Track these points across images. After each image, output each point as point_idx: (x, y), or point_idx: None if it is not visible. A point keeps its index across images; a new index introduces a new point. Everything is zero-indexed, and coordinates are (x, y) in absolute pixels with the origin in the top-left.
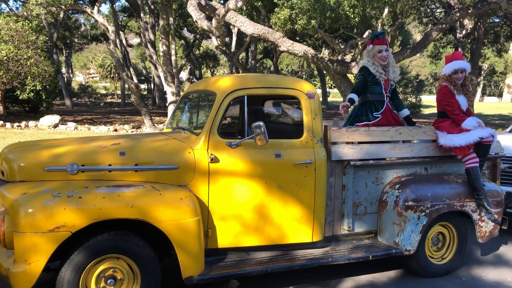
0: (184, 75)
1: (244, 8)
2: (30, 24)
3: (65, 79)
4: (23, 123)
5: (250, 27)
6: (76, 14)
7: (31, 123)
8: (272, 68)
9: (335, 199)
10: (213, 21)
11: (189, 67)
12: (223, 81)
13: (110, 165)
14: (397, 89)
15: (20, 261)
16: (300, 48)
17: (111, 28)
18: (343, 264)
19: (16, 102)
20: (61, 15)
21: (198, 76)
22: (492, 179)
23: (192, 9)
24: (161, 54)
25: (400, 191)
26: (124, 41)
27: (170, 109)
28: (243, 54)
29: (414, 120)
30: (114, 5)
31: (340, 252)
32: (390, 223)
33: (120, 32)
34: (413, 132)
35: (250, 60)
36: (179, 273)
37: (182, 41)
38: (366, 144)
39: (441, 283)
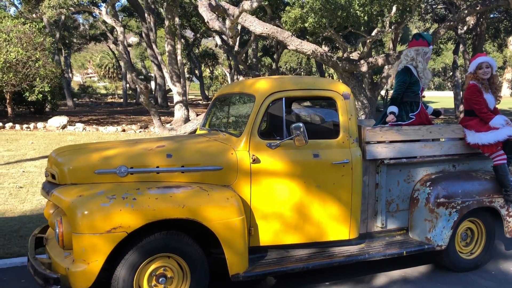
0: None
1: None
2: (37, 26)
3: (66, 80)
4: (31, 125)
5: (259, 27)
6: (76, 14)
7: (40, 125)
8: (273, 66)
9: (369, 197)
10: (227, 21)
11: (188, 65)
12: (261, 84)
13: (158, 166)
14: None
15: (79, 261)
16: (308, 47)
17: (119, 29)
18: (374, 260)
19: (22, 103)
20: (63, 17)
21: (198, 74)
22: None
23: (204, 10)
24: (167, 54)
25: (431, 188)
26: (126, 41)
27: (177, 108)
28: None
29: None
30: (115, 5)
31: (374, 248)
32: (422, 220)
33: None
34: (442, 130)
35: (251, 58)
36: (223, 271)
37: (182, 40)
38: (398, 143)
39: (471, 277)
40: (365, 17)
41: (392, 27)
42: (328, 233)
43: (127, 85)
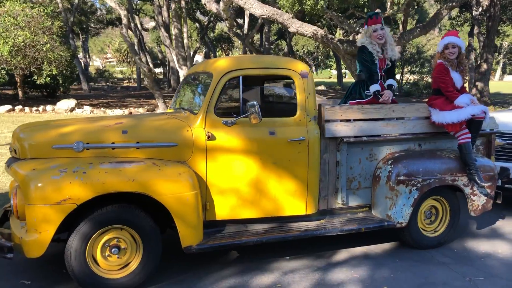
0: (200, 58)
1: None
2: (46, 10)
3: (82, 64)
4: (41, 107)
5: (259, 9)
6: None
7: (49, 107)
8: (286, 50)
9: (330, 174)
10: (221, 3)
11: (204, 50)
12: (220, 62)
13: (113, 142)
14: (408, 67)
15: (31, 231)
16: (309, 28)
17: (122, 12)
18: (340, 237)
19: (35, 87)
20: (76, 1)
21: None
22: (487, 155)
23: None
24: (173, 37)
25: (392, 166)
26: (139, 25)
27: None
28: (258, 36)
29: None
30: None
31: (333, 224)
32: (383, 197)
33: (135, 16)
34: (406, 109)
35: (263, 42)
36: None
37: (197, 24)
38: (359, 122)
39: (433, 254)
40: None
41: (395, 8)
42: (285, 208)
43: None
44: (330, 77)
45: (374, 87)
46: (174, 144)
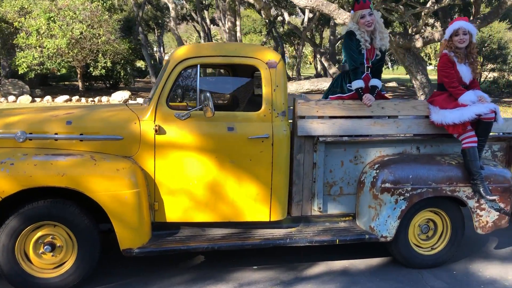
0: None
1: None
2: (105, 5)
3: (157, 58)
4: (96, 98)
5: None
6: None
7: (104, 98)
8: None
9: (305, 177)
10: None
11: (273, 45)
12: (178, 50)
13: (56, 133)
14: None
15: None
16: None
17: (171, 5)
18: (321, 247)
19: (96, 79)
20: None
21: (280, 54)
22: (507, 163)
23: None
24: (227, 30)
25: (378, 171)
26: (207, 20)
27: None
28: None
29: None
30: None
31: (304, 234)
32: (367, 206)
33: (204, 11)
34: (399, 106)
35: (329, 36)
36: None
37: (266, 19)
38: (340, 119)
39: (424, 275)
40: None
41: None
42: (245, 213)
43: None
44: (406, 74)
45: (357, 84)
46: (119, 138)
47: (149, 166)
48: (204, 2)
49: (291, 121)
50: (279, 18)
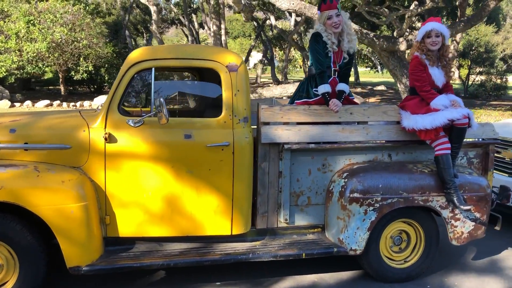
0: (259, 56)
1: None
2: (87, 8)
3: None
4: (78, 103)
5: (285, 2)
6: None
7: (86, 103)
8: None
9: (270, 187)
10: None
11: (259, 48)
12: (133, 52)
13: None
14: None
15: None
16: None
17: (152, 8)
18: (290, 261)
19: (82, 83)
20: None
21: (269, 57)
22: (484, 170)
23: None
24: (212, 34)
25: (346, 180)
26: (196, 23)
27: None
28: None
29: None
30: None
31: (269, 247)
32: (335, 217)
33: (193, 15)
34: (369, 111)
35: None
36: None
37: (254, 22)
38: (307, 125)
39: None
40: None
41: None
42: (205, 227)
43: None
44: None
45: (323, 88)
46: (67, 147)
47: (99, 177)
48: (192, 6)
49: (256, 127)
50: (268, 22)
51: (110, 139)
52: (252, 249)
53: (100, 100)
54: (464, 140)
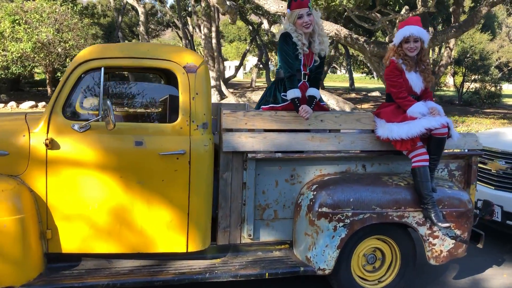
0: (254, 61)
1: None
2: (75, 8)
3: None
4: None
5: (273, 5)
6: (153, 1)
7: None
8: (335, 53)
9: (233, 199)
10: None
11: (254, 52)
12: (83, 50)
13: None
14: (433, 74)
15: None
16: (330, 27)
17: (140, 9)
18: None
19: None
20: (124, 1)
21: (264, 62)
22: (466, 183)
23: None
24: (203, 37)
25: (315, 193)
26: (190, 27)
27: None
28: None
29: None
30: None
31: (229, 266)
32: (303, 233)
33: (187, 18)
34: (341, 119)
35: None
36: None
37: (249, 27)
38: (273, 133)
39: None
40: None
41: (430, 4)
42: (157, 244)
43: None
44: None
45: (293, 93)
46: (4, 153)
47: (40, 187)
48: (187, 9)
49: (218, 134)
50: (263, 26)
51: (52, 145)
52: (210, 268)
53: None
54: (445, 151)
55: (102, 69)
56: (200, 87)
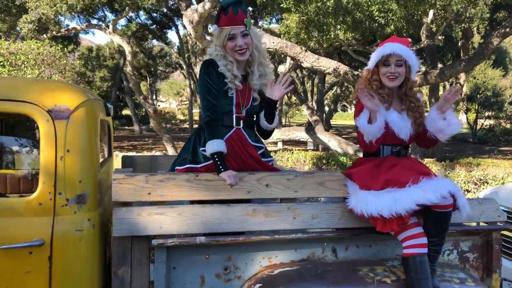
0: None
1: None
2: (66, 49)
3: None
4: None
5: (265, 41)
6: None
7: None
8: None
9: None
10: (191, 29)
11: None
12: None
13: None
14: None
15: None
16: (328, 63)
17: (127, 48)
18: None
19: None
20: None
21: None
22: (486, 270)
23: (186, 21)
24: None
25: None
26: (193, 67)
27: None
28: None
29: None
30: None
31: None
32: None
33: (192, 58)
34: (295, 182)
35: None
36: None
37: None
38: (193, 206)
39: None
40: (391, 26)
41: (435, 38)
42: None
43: (193, 109)
44: None
45: (212, 147)
46: None
47: None
48: (194, 49)
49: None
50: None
51: None
52: None
53: None
54: (452, 223)
55: None
56: (75, 141)
